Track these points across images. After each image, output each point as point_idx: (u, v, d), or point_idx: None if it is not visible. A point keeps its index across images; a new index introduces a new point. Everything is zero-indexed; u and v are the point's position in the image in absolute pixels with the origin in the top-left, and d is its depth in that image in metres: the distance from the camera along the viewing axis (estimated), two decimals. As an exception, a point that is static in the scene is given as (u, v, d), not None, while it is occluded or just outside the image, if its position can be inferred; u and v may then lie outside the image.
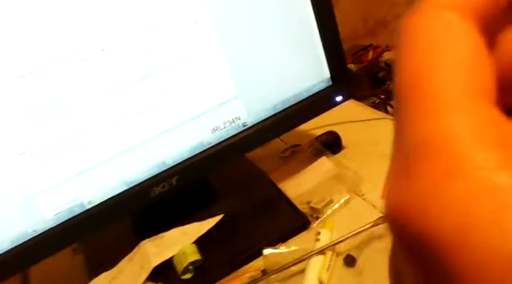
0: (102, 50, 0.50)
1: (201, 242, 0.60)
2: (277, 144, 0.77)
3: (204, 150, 0.59)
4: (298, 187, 0.67)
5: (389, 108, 1.01)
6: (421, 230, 0.12)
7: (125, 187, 0.56)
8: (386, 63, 1.18)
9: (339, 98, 0.66)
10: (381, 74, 1.16)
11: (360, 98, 1.01)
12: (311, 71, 0.63)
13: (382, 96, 1.09)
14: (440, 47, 0.13)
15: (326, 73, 0.64)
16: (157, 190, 0.57)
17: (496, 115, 0.13)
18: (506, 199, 0.11)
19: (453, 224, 0.12)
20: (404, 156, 0.13)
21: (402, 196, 0.13)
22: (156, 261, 0.57)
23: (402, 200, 0.13)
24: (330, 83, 0.65)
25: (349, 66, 1.22)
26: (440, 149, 0.12)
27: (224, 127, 0.60)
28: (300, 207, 0.63)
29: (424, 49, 0.13)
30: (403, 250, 0.13)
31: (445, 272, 0.12)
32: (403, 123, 0.13)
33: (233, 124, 0.60)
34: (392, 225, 0.13)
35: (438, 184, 0.12)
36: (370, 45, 1.28)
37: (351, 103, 0.81)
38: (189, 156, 0.59)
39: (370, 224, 0.57)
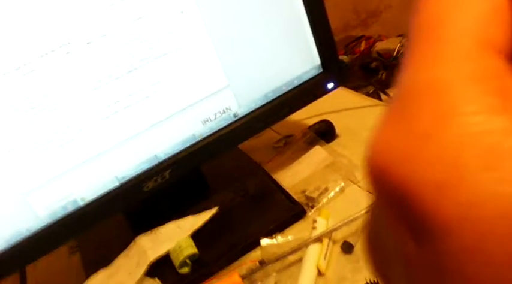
0: (88, 43, 0.49)
1: (197, 236, 0.59)
2: (271, 134, 0.76)
3: (196, 142, 0.59)
4: (293, 176, 0.67)
5: (383, 97, 1.01)
6: (403, 179, 0.12)
7: (118, 183, 0.56)
8: (378, 54, 1.18)
9: (330, 85, 0.66)
10: (373, 64, 1.16)
11: (352, 89, 1.00)
12: (301, 58, 0.63)
13: (375, 86, 1.08)
14: None
15: (316, 60, 0.64)
16: (151, 184, 0.57)
17: (503, 67, 0.12)
18: (498, 143, 0.11)
19: (439, 175, 0.11)
20: (399, 100, 0.12)
21: (388, 140, 0.12)
22: (153, 256, 0.56)
23: (387, 145, 0.12)
24: (321, 70, 0.65)
25: (341, 57, 1.22)
26: (435, 93, 0.12)
27: (215, 119, 0.59)
28: (295, 196, 0.63)
29: None
30: (384, 205, 0.13)
31: (427, 228, 0.11)
32: (407, 64, 0.13)
33: (224, 115, 0.60)
34: (374, 173, 0.12)
35: (428, 129, 0.11)
36: (362, 36, 1.28)
37: (343, 91, 0.81)
38: (181, 148, 0.58)
39: (365, 210, 0.56)
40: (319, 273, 0.53)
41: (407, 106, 0.12)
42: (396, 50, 1.15)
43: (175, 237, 0.58)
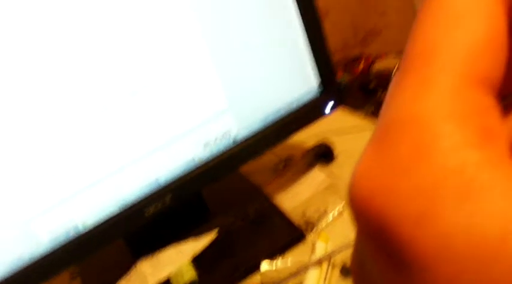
0: (91, 66, 0.51)
1: (197, 260, 0.60)
2: (271, 157, 0.77)
3: (197, 167, 0.59)
4: (293, 199, 0.68)
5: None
6: (381, 211, 0.12)
7: (119, 208, 0.56)
8: (377, 73, 1.19)
9: (329, 107, 0.67)
10: (372, 84, 1.17)
11: (352, 109, 1.01)
12: (300, 81, 0.64)
13: (374, 107, 1.09)
14: (457, 23, 0.13)
15: (315, 82, 0.65)
16: (151, 209, 0.58)
17: (486, 102, 0.12)
18: (472, 177, 0.11)
19: (416, 208, 0.11)
20: (381, 131, 0.13)
21: (368, 171, 0.12)
22: (153, 281, 0.57)
23: (367, 176, 0.12)
24: (320, 93, 0.66)
25: (340, 76, 1.23)
26: (416, 128, 0.12)
27: (215, 143, 0.60)
28: (294, 219, 0.64)
29: (439, 21, 0.13)
30: (365, 235, 0.13)
31: (405, 261, 0.11)
32: (393, 94, 0.13)
33: (224, 138, 0.61)
34: (354, 204, 0.12)
35: (406, 163, 0.12)
36: (361, 55, 1.29)
37: (342, 113, 0.82)
38: (182, 173, 0.59)
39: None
40: (319, 298, 0.53)
41: (388, 138, 0.12)
42: (395, 69, 1.17)
43: (175, 261, 0.58)
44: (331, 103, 0.67)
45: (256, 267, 0.58)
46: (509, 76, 0.14)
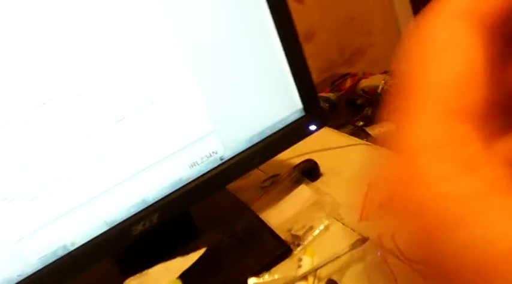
0: (78, 95, 0.52)
1: (185, 277, 0.60)
2: (258, 174, 0.78)
3: (183, 186, 0.61)
4: (279, 215, 0.69)
5: (369, 132, 1.04)
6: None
7: (107, 227, 0.57)
8: (363, 90, 1.22)
9: (312, 127, 0.68)
10: (359, 101, 1.20)
11: (339, 126, 1.04)
12: (284, 102, 0.66)
13: (362, 123, 1.11)
14: (438, 58, 0.14)
15: (298, 104, 0.67)
16: (139, 228, 0.59)
17: (469, 133, 0.13)
18: (456, 206, 0.12)
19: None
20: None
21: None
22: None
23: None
24: (303, 113, 0.67)
25: (328, 94, 1.26)
26: (404, 160, 0.13)
27: (202, 162, 0.62)
28: (281, 235, 0.65)
29: (421, 58, 0.14)
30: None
31: None
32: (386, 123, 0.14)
33: (210, 158, 0.62)
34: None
35: (396, 192, 0.13)
36: (347, 74, 1.32)
37: (327, 131, 0.83)
38: (169, 192, 0.60)
39: (348, 248, 0.58)
40: (304, 312, 0.54)
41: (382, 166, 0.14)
42: (380, 87, 1.19)
43: (163, 279, 0.59)
44: (314, 124, 0.69)
45: (243, 283, 0.58)
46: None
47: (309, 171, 0.74)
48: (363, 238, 0.59)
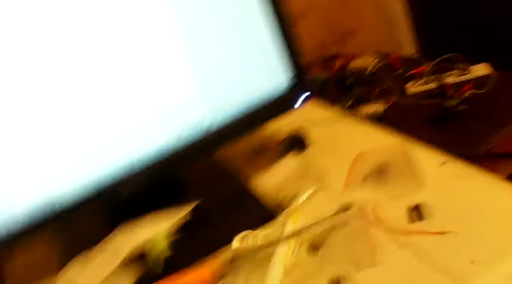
0: (63, 54, 0.53)
1: (171, 237, 0.62)
2: (246, 145, 0.80)
3: (171, 153, 0.62)
4: (266, 183, 0.71)
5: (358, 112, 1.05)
6: None
7: (95, 189, 0.59)
8: (353, 70, 1.23)
9: (300, 99, 0.70)
10: (348, 81, 1.21)
11: (327, 102, 1.05)
12: (272, 73, 0.67)
13: (350, 102, 1.13)
14: None
15: (287, 75, 0.68)
16: (127, 190, 0.60)
17: None
18: None
19: None
20: None
21: None
22: (128, 248, 0.59)
23: None
24: (292, 85, 0.69)
25: (318, 74, 1.27)
26: None
27: (189, 131, 0.63)
28: (267, 201, 0.67)
29: None
30: None
31: None
32: None
33: (197, 127, 0.63)
34: None
35: None
36: (338, 54, 1.33)
37: (316, 105, 0.85)
38: (156, 159, 0.61)
39: (331, 215, 0.60)
40: (286, 270, 0.57)
41: None
42: (370, 68, 1.21)
43: (150, 233, 0.60)
44: (303, 96, 0.70)
45: (228, 243, 0.61)
46: None
47: (297, 142, 0.76)
48: (345, 206, 0.62)
